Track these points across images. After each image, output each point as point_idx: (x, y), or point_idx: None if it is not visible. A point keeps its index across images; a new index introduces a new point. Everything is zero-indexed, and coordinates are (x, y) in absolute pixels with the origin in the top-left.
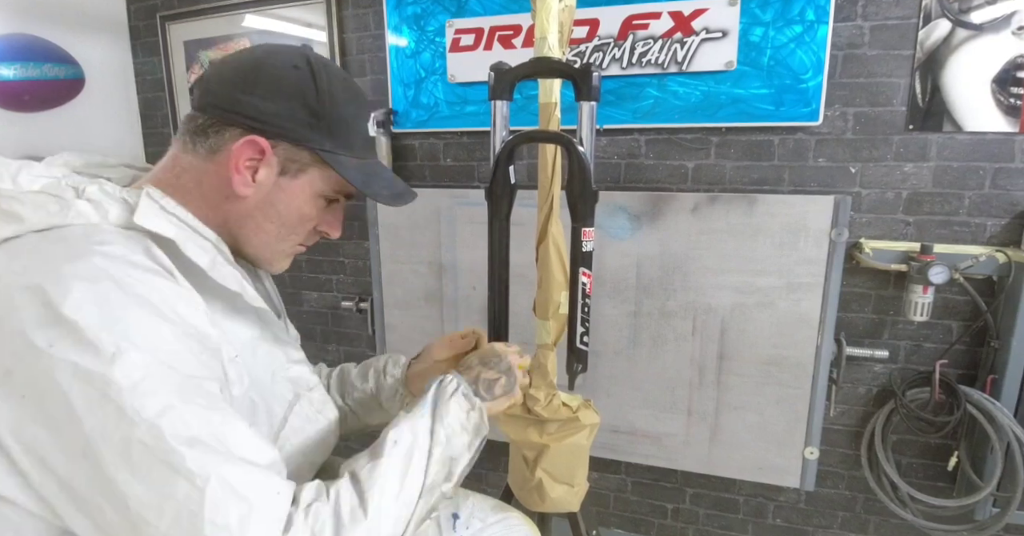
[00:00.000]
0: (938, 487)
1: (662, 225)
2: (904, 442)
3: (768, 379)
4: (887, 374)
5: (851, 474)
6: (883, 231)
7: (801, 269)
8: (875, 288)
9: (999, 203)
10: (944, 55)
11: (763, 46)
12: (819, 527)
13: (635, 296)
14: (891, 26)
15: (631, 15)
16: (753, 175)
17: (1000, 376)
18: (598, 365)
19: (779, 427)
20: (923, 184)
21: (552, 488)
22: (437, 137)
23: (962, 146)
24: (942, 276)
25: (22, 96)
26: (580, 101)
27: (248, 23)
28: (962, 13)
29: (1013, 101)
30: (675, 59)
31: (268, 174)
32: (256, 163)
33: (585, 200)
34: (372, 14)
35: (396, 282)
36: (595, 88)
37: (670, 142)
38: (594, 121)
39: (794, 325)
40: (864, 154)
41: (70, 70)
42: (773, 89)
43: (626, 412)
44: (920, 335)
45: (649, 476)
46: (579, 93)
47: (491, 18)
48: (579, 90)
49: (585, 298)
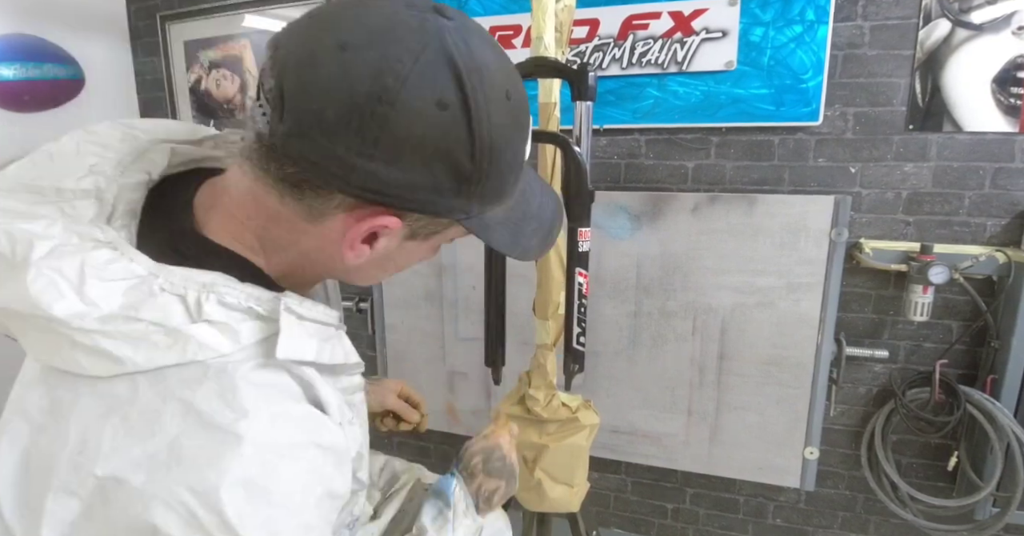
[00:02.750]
0: (938, 487)
1: (662, 225)
2: (904, 442)
3: (768, 379)
4: (887, 374)
5: (851, 474)
6: (883, 231)
7: (801, 269)
8: (875, 288)
9: (999, 203)
10: (944, 55)
11: (763, 46)
12: (819, 527)
13: (635, 296)
14: (891, 26)
15: (631, 15)
16: (753, 175)
17: (1000, 376)
18: (598, 365)
19: (779, 427)
20: (923, 184)
21: (551, 488)
22: None
23: (962, 146)
24: (942, 276)
25: (22, 96)
26: (576, 101)
27: (248, 23)
28: (962, 13)
29: (1013, 101)
30: (675, 59)
31: (390, 242)
32: (377, 236)
33: (581, 200)
34: None
35: (396, 282)
36: (591, 88)
37: (670, 142)
38: (590, 121)
39: (794, 325)
40: (864, 154)
41: (70, 70)
42: (773, 89)
43: (626, 412)
44: (920, 335)
45: (649, 476)
46: (575, 93)
47: (491, 18)
48: (575, 90)
49: (581, 298)
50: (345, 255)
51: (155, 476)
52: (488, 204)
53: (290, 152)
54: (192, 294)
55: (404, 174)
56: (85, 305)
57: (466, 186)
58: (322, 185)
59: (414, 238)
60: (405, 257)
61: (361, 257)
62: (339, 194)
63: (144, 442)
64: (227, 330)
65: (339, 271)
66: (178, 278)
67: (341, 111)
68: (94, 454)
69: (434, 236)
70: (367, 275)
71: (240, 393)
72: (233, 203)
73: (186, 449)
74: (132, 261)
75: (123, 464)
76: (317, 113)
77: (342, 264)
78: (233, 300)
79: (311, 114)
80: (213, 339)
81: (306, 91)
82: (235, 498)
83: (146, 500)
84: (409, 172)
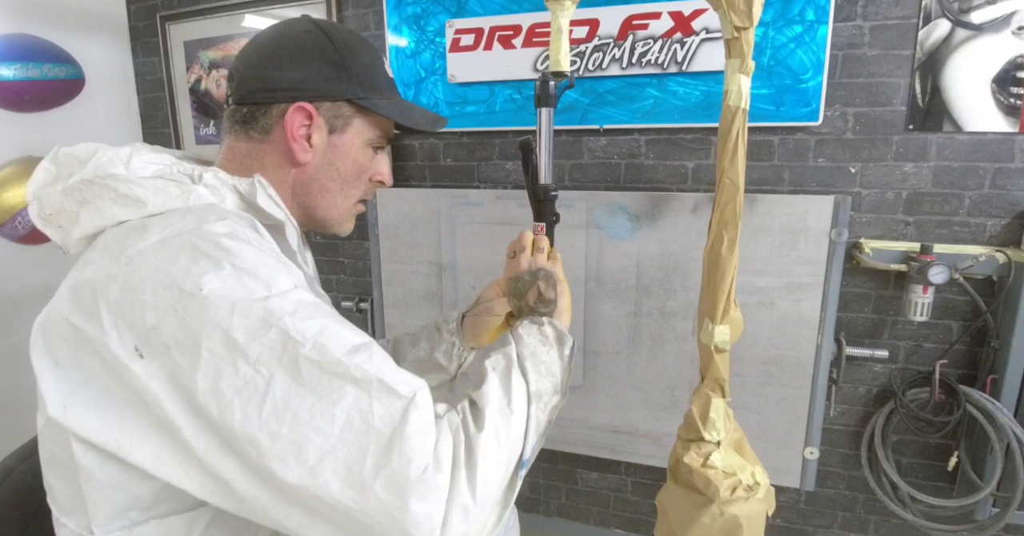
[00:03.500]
0: (938, 487)
1: (662, 225)
2: (904, 442)
3: (768, 379)
4: (887, 374)
5: (851, 474)
6: (883, 231)
7: (801, 269)
8: (875, 288)
9: (999, 203)
10: (944, 55)
11: (763, 46)
12: (819, 527)
13: (635, 296)
14: (891, 26)
15: (631, 15)
16: (753, 175)
17: (1000, 376)
18: (598, 365)
19: (779, 427)
20: (923, 184)
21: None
22: (437, 137)
23: (962, 146)
24: (942, 276)
25: (22, 96)
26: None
27: (248, 23)
28: (962, 13)
29: (1013, 101)
30: (675, 59)
31: (320, 136)
32: (307, 129)
33: (536, 196)
34: (372, 14)
35: (396, 282)
36: (552, 96)
37: (670, 142)
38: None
39: (794, 325)
40: (864, 154)
41: (70, 70)
42: (773, 89)
43: (626, 412)
44: (920, 335)
45: (649, 476)
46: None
47: (491, 18)
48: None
49: None
50: (294, 149)
51: (166, 239)
52: (368, 90)
53: (240, 97)
54: (197, 172)
55: (301, 72)
56: (128, 171)
57: (343, 72)
58: (261, 104)
59: (334, 132)
60: (341, 159)
61: (307, 152)
62: (273, 106)
63: (157, 233)
64: (217, 192)
65: (301, 189)
66: (188, 166)
67: (258, 54)
68: (123, 246)
69: (348, 128)
70: (324, 188)
71: (221, 213)
72: (222, 161)
73: (188, 221)
74: (162, 154)
75: (145, 245)
76: (246, 61)
77: (301, 172)
78: (224, 176)
79: (244, 65)
80: (206, 194)
81: (242, 61)
82: (224, 277)
83: (160, 251)
84: (304, 70)
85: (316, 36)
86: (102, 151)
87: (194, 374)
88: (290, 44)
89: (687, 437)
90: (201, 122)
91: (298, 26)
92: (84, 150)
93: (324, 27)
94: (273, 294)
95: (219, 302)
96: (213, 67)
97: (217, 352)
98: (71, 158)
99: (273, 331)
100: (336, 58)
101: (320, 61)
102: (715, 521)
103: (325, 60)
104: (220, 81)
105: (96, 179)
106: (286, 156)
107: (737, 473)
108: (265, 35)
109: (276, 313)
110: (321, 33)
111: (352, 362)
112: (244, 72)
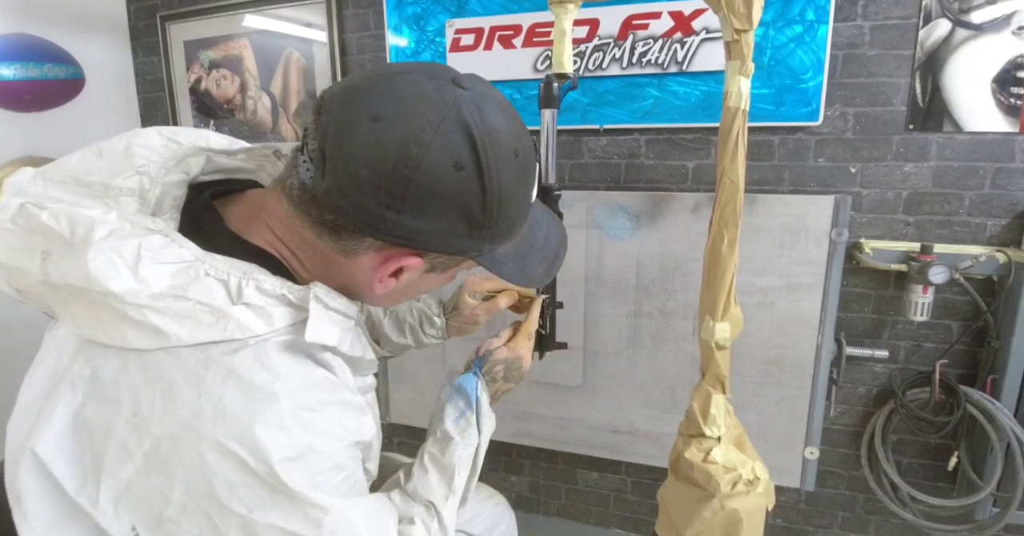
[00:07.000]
0: (938, 487)
1: (662, 225)
2: (904, 442)
3: (768, 379)
4: (887, 374)
5: (851, 474)
6: (883, 231)
7: (801, 269)
8: (875, 288)
9: (999, 203)
10: (944, 55)
11: (763, 46)
12: (819, 527)
13: (635, 296)
14: (891, 26)
15: (631, 15)
16: (753, 175)
17: (1000, 376)
18: (598, 365)
19: (779, 427)
20: (923, 184)
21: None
22: None
23: (962, 146)
24: (942, 276)
25: (22, 96)
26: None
27: (248, 23)
28: (962, 13)
29: (1013, 101)
30: (675, 59)
31: (412, 275)
32: (402, 271)
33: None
34: (372, 14)
35: None
36: (555, 98)
37: (670, 142)
38: (554, 125)
39: (794, 325)
40: (864, 154)
41: (70, 70)
42: (773, 89)
43: (626, 412)
44: (920, 335)
45: (649, 476)
46: (540, 101)
47: (491, 18)
48: (540, 99)
49: None
50: (373, 287)
51: (204, 432)
52: (497, 243)
53: (330, 203)
54: (234, 279)
55: (425, 223)
56: (137, 283)
57: (478, 231)
58: (356, 231)
59: (433, 271)
60: (425, 286)
61: (387, 288)
62: (370, 238)
63: (191, 404)
64: (263, 313)
65: (364, 295)
66: (221, 264)
67: (374, 174)
68: (148, 415)
69: (450, 268)
70: (389, 301)
71: (274, 360)
72: (272, 219)
73: (229, 407)
74: (181, 247)
75: (175, 423)
76: (353, 174)
77: (369, 292)
78: (269, 287)
79: (348, 175)
80: (250, 320)
81: (344, 156)
82: (277, 447)
83: (201, 452)
84: (430, 222)
85: (466, 179)
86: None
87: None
88: (427, 182)
89: (688, 433)
90: (201, 122)
91: (449, 149)
92: (63, 222)
93: (483, 163)
94: (326, 518)
95: (267, 531)
96: (213, 67)
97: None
98: (48, 230)
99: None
100: (479, 216)
101: (457, 214)
102: (716, 515)
103: (463, 215)
104: (220, 81)
105: (93, 294)
106: (357, 279)
107: (737, 468)
108: (398, 145)
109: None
110: (475, 173)
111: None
112: (346, 179)
